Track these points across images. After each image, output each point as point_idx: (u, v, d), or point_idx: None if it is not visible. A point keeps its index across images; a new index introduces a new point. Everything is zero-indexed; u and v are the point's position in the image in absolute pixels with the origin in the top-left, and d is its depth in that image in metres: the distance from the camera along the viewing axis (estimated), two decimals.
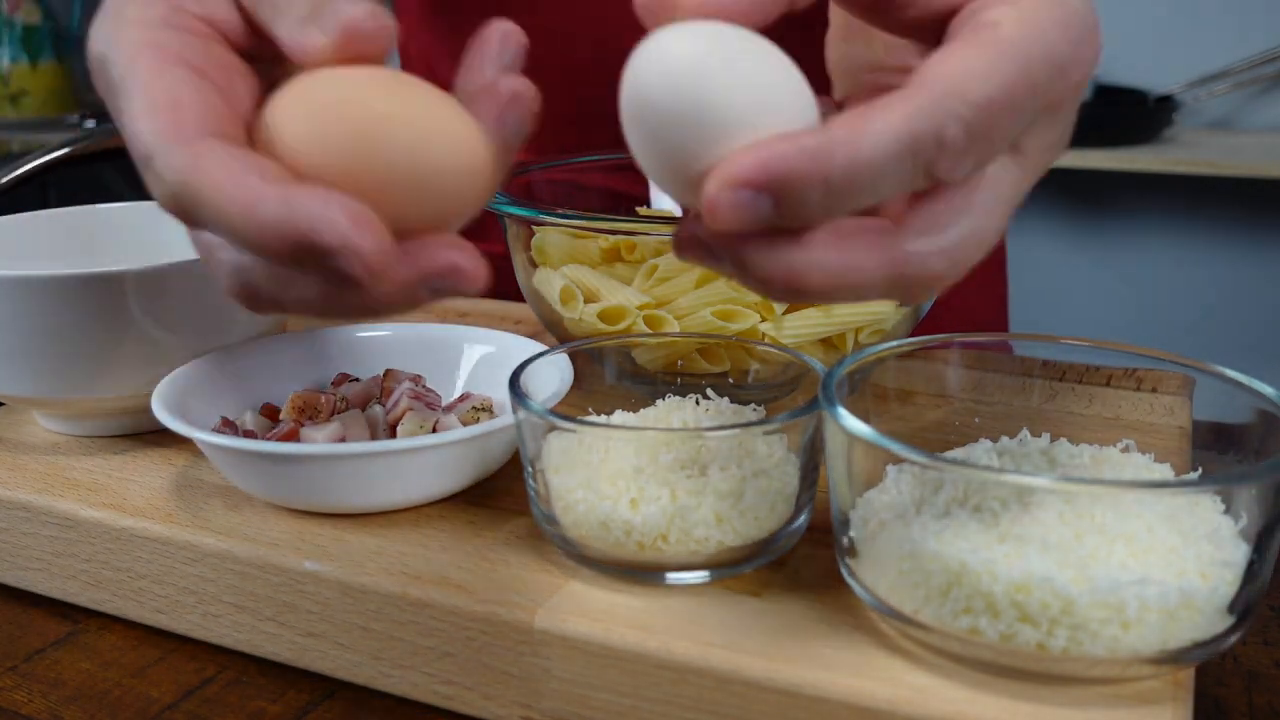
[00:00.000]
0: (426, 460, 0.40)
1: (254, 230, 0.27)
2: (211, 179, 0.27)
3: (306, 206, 0.26)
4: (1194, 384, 0.39)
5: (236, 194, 0.27)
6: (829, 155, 0.26)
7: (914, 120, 0.27)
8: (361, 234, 0.26)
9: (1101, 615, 0.30)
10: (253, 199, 0.27)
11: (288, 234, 0.26)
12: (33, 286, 0.44)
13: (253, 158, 0.28)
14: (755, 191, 0.26)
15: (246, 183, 0.27)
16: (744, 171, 0.26)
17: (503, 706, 0.37)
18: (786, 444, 0.38)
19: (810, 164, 0.26)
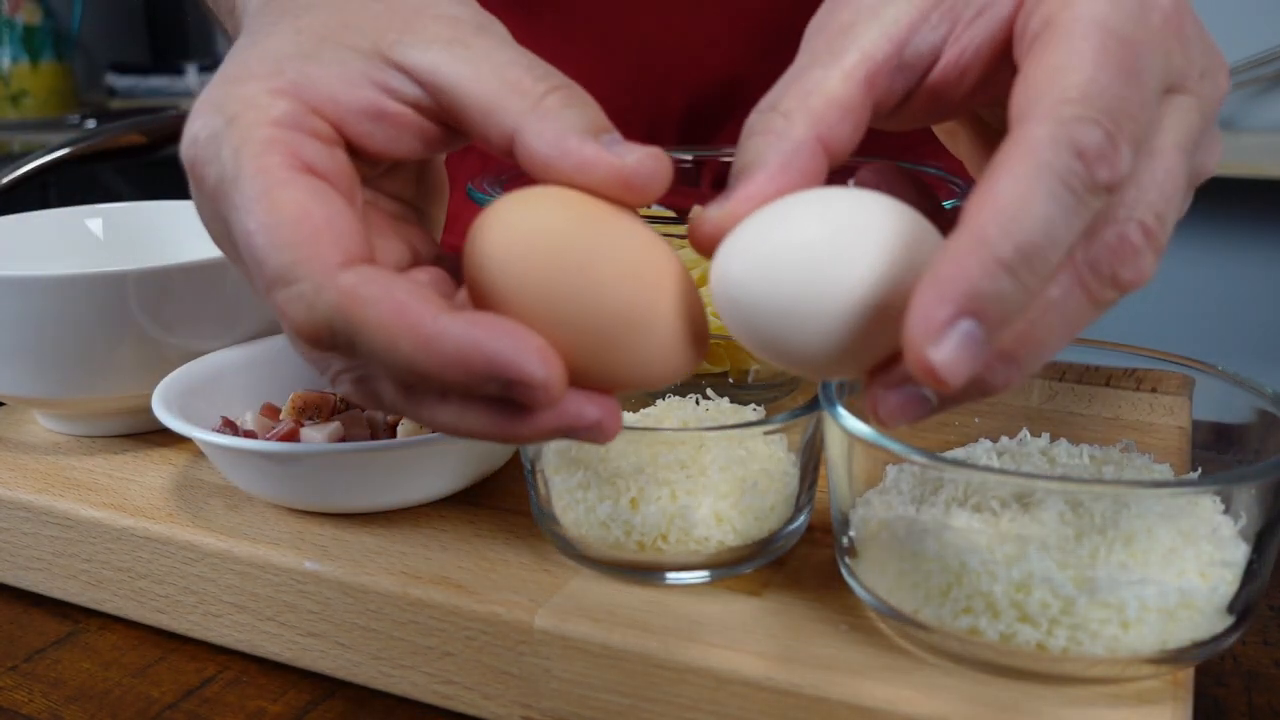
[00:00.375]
0: (426, 460, 0.40)
1: (432, 362, 0.26)
2: (377, 310, 0.26)
3: (493, 340, 0.25)
4: (1194, 384, 0.39)
5: (405, 325, 0.25)
6: (987, 242, 0.24)
7: (1039, 152, 0.24)
8: (549, 368, 0.25)
9: (1101, 615, 0.30)
10: (429, 331, 0.25)
11: (473, 365, 0.25)
12: (33, 286, 0.44)
13: (416, 289, 0.26)
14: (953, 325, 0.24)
15: (418, 313, 0.26)
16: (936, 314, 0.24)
17: (503, 706, 0.37)
18: (786, 444, 0.38)
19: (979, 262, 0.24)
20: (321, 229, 0.26)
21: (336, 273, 0.26)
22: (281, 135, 0.28)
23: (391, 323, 0.25)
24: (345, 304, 0.26)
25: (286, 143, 0.28)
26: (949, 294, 0.24)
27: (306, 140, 0.28)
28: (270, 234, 0.27)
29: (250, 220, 0.27)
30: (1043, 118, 0.25)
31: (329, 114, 0.29)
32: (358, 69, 0.29)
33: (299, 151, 0.28)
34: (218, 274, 0.47)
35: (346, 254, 0.26)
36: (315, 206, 0.27)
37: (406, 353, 0.26)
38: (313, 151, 0.28)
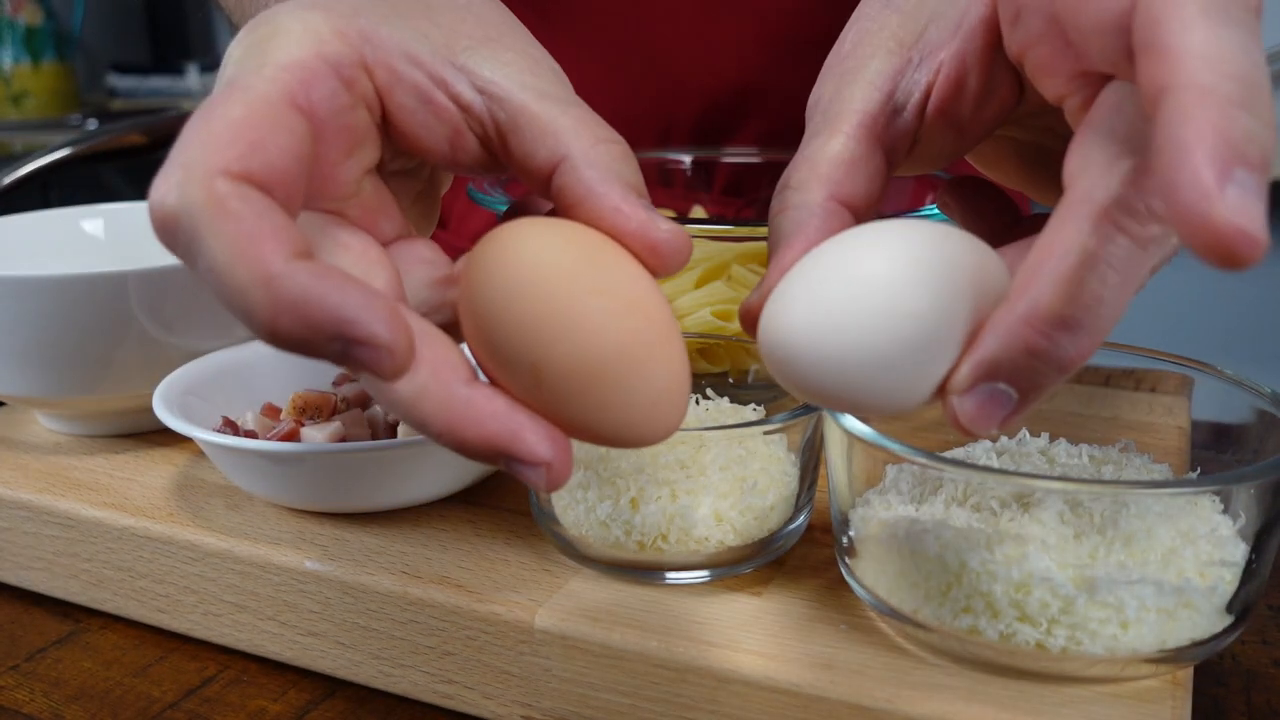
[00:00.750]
0: (426, 460, 0.40)
1: (265, 301, 0.23)
2: (225, 227, 0.24)
3: (342, 294, 0.23)
4: (1193, 384, 0.39)
5: (252, 254, 0.24)
6: (1032, 312, 0.24)
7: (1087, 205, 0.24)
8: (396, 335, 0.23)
9: (1100, 615, 0.30)
10: (273, 270, 0.23)
11: (310, 317, 0.23)
12: (33, 287, 0.44)
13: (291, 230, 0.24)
14: (986, 385, 0.25)
15: (268, 250, 0.24)
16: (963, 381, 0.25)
17: (503, 706, 0.37)
18: (786, 444, 0.38)
19: (1020, 331, 0.24)
20: (237, 138, 0.25)
21: (217, 176, 0.24)
22: (311, 66, 0.27)
23: (238, 246, 0.23)
24: (205, 205, 0.24)
25: (308, 75, 0.27)
26: (987, 357, 0.25)
27: (329, 83, 0.28)
28: (199, 115, 0.26)
29: (205, 102, 0.26)
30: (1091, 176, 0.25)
31: (380, 75, 0.29)
32: (425, 52, 0.29)
33: (310, 89, 0.27)
34: None
35: (245, 171, 0.24)
36: (260, 126, 0.25)
37: (240, 282, 0.23)
38: (325, 94, 0.27)
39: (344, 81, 0.28)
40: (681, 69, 0.70)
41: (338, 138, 0.28)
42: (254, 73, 0.27)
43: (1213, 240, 0.21)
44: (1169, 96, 0.22)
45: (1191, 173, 0.20)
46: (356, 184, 0.30)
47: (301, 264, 0.24)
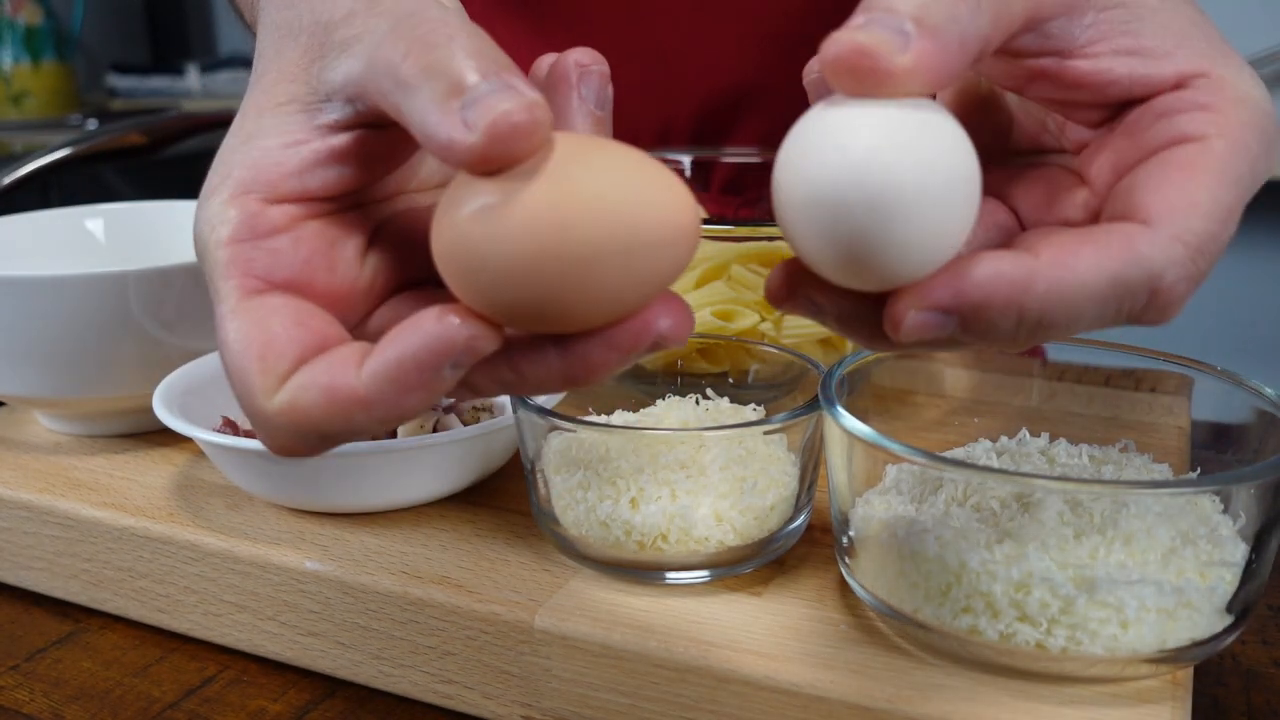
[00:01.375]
0: (426, 460, 0.40)
1: (381, 408, 0.25)
2: (312, 408, 0.26)
3: (402, 343, 0.25)
4: (1193, 384, 0.39)
5: (342, 397, 0.25)
6: (1028, 288, 0.25)
7: (1131, 266, 0.25)
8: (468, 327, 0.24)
9: (1100, 615, 0.30)
10: (359, 389, 0.25)
11: (410, 381, 0.25)
12: (33, 286, 0.44)
13: (337, 355, 0.26)
14: (944, 314, 0.25)
15: (344, 379, 0.25)
16: (938, 299, 0.25)
17: (503, 706, 0.37)
18: (786, 444, 0.38)
19: (1008, 294, 0.25)
20: (257, 363, 0.27)
21: (269, 401, 0.26)
22: (235, 254, 0.28)
23: (329, 410, 0.26)
24: (288, 423, 0.26)
25: (241, 262, 0.28)
26: (963, 296, 0.25)
27: (260, 248, 0.28)
28: (226, 366, 0.28)
29: (222, 345, 0.28)
30: (1165, 240, 0.25)
31: (286, 189, 0.29)
32: (297, 123, 0.29)
33: (252, 267, 0.28)
34: None
35: (280, 376, 0.27)
36: (256, 337, 0.27)
37: (362, 419, 0.26)
38: (267, 259, 0.28)
39: (264, 234, 0.28)
40: (681, 68, 0.70)
41: (310, 267, 0.29)
42: (219, 300, 0.29)
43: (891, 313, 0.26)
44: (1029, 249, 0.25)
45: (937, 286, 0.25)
46: (363, 271, 0.30)
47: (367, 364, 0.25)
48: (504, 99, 0.24)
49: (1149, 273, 0.25)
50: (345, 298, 0.30)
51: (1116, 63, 0.28)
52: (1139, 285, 0.25)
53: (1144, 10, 0.28)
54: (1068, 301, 0.25)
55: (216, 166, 0.30)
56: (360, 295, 0.30)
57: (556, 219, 0.24)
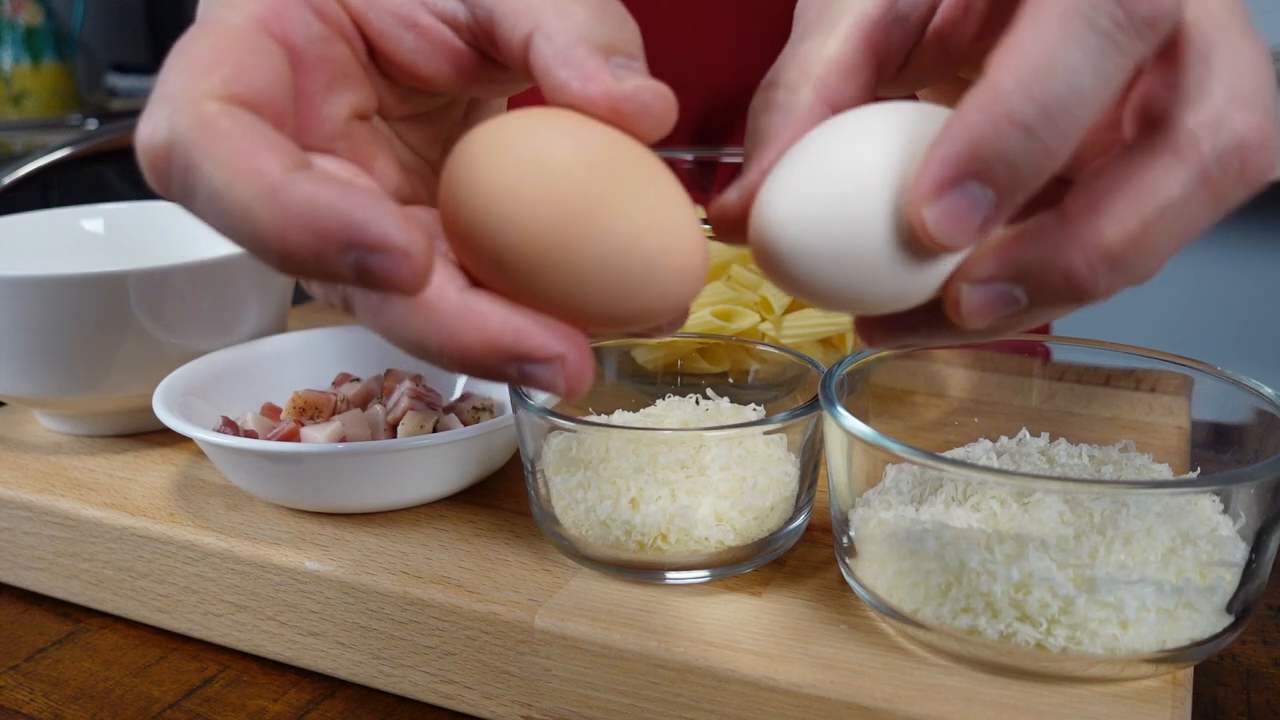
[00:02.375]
0: (427, 460, 0.40)
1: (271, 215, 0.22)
2: (220, 146, 0.22)
3: (347, 198, 0.22)
4: (1193, 384, 0.39)
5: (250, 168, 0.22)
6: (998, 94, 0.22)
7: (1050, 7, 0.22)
8: (411, 235, 0.22)
9: (1100, 615, 0.30)
10: (274, 179, 0.22)
11: (320, 224, 0.22)
12: (33, 286, 0.44)
13: (288, 145, 0.23)
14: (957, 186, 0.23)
15: (266, 161, 0.22)
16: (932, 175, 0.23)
17: (503, 706, 0.37)
18: (786, 444, 0.38)
19: (984, 116, 0.22)
20: (219, 63, 0.24)
21: (204, 100, 0.23)
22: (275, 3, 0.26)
23: (233, 162, 0.22)
24: (196, 129, 0.23)
25: (273, 5, 0.26)
26: (951, 152, 0.22)
27: (300, 12, 0.27)
28: (175, 55, 0.25)
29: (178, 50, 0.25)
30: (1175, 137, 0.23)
31: (356, 7, 0.28)
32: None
33: (282, 18, 0.26)
34: (218, 274, 0.47)
35: (231, 93, 0.23)
36: (241, 51, 0.25)
37: (244, 200, 0.22)
38: (299, 23, 0.27)
39: (315, 11, 0.27)
40: (682, 68, 0.70)
41: (316, 69, 0.27)
42: (224, 7, 0.26)
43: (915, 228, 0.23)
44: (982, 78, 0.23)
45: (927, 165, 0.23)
46: (344, 124, 0.28)
47: (303, 173, 0.22)
48: (654, 81, 0.25)
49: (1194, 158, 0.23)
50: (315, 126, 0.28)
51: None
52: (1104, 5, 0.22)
53: None
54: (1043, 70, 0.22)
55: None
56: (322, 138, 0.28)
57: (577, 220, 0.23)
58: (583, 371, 0.24)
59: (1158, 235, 0.23)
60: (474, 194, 0.24)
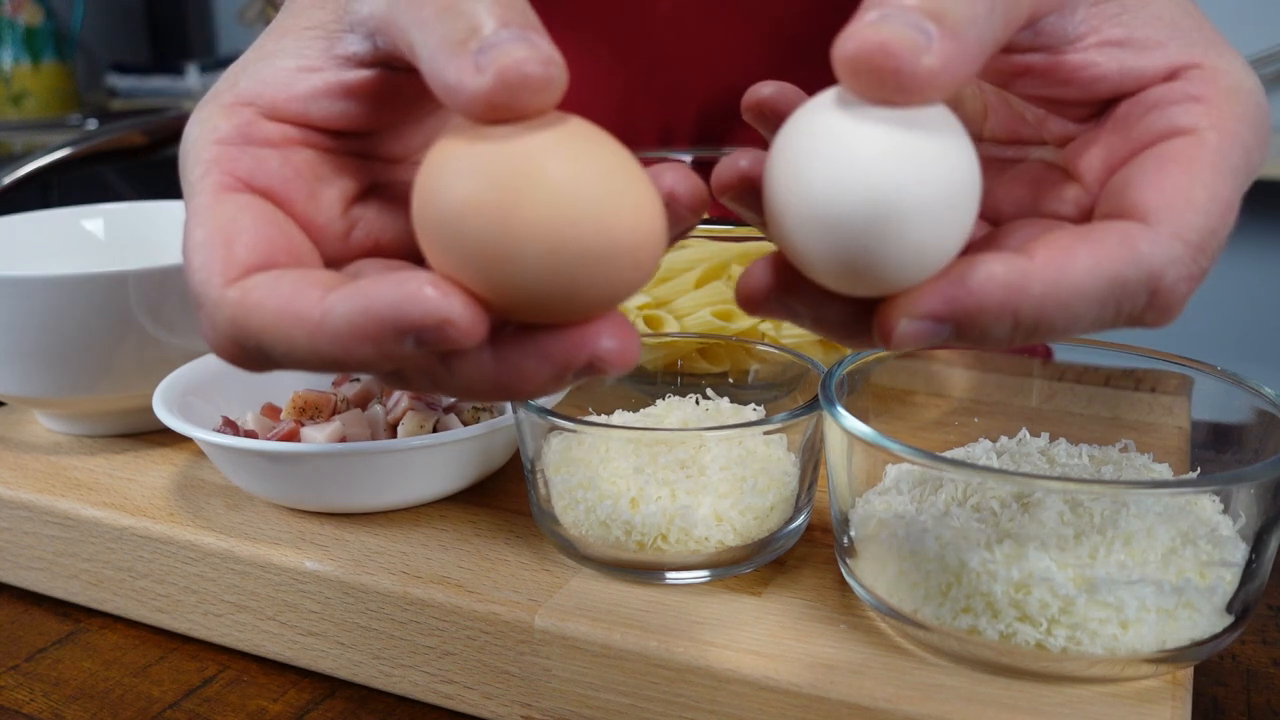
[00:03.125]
0: (427, 460, 0.40)
1: (330, 345, 0.24)
2: (264, 309, 0.24)
3: (381, 292, 0.23)
4: (1193, 384, 0.39)
5: (296, 317, 0.24)
6: (1023, 290, 0.24)
7: (1131, 266, 0.24)
8: (448, 301, 0.23)
9: (1100, 615, 0.30)
10: (318, 313, 0.24)
11: (369, 330, 0.23)
12: (33, 286, 0.44)
13: (311, 275, 0.25)
14: (937, 322, 0.24)
15: (306, 299, 0.24)
16: (931, 307, 0.24)
17: (503, 706, 0.37)
18: (786, 444, 0.38)
19: (1001, 297, 0.24)
20: (224, 249, 0.26)
21: (225, 289, 0.25)
22: (222, 154, 0.27)
23: (279, 320, 0.24)
24: (237, 315, 0.25)
25: (225, 161, 0.27)
26: (956, 303, 0.24)
27: (247, 153, 0.28)
28: (189, 259, 0.26)
29: (187, 239, 0.27)
30: (1164, 237, 0.24)
31: (288, 110, 0.28)
32: (317, 50, 0.28)
33: (235, 168, 0.27)
34: None
35: (244, 267, 0.26)
36: (228, 226, 0.26)
37: (304, 346, 0.24)
38: (251, 164, 0.28)
39: (256, 145, 0.28)
40: (682, 71, 0.70)
41: (292, 190, 0.28)
42: (191, 197, 0.27)
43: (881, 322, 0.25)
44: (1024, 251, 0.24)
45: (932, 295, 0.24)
46: (345, 217, 0.29)
47: (335, 296, 0.24)
48: (520, 48, 0.23)
49: (1149, 272, 0.24)
50: (319, 235, 0.28)
51: (1105, 56, 0.27)
52: (1138, 286, 0.24)
53: (1134, 2, 0.27)
54: (1064, 304, 0.24)
55: (225, 76, 0.29)
56: (334, 240, 0.29)
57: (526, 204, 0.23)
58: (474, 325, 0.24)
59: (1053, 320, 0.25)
60: (429, 200, 0.24)
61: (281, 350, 0.25)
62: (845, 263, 0.25)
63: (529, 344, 0.24)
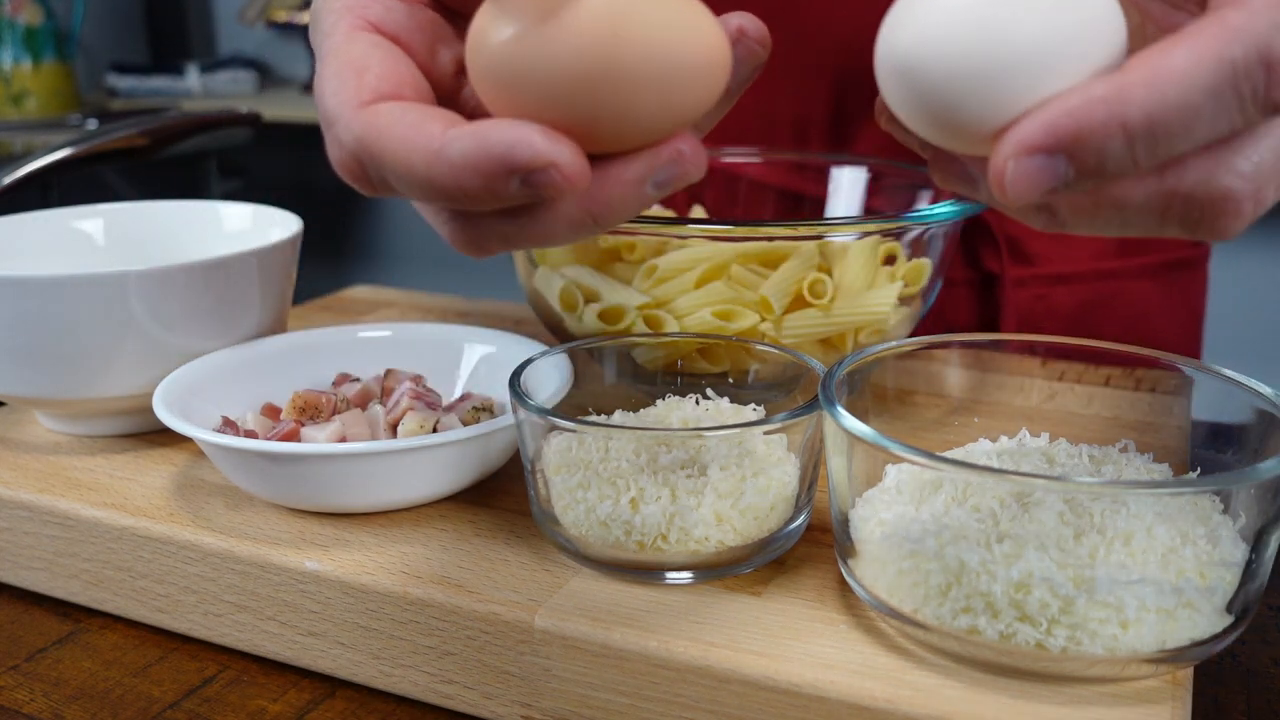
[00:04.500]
0: (427, 460, 0.40)
1: (445, 173, 0.26)
2: (391, 133, 0.27)
3: (498, 133, 0.26)
4: (1193, 384, 0.39)
5: (418, 142, 0.27)
6: (1124, 98, 0.23)
7: (1232, 43, 0.23)
8: (556, 147, 0.26)
9: (1100, 615, 0.30)
10: (437, 144, 0.27)
11: (482, 165, 0.26)
12: (33, 286, 0.44)
13: (434, 110, 0.28)
14: (1048, 155, 0.24)
15: (428, 130, 0.27)
16: (1031, 137, 0.24)
17: (503, 706, 0.37)
18: (786, 444, 0.38)
19: (1104, 114, 0.24)
20: (368, 75, 0.29)
21: (360, 110, 0.28)
22: (355, 2, 0.31)
23: (403, 143, 0.27)
24: (365, 133, 0.28)
25: (357, 9, 0.31)
26: (1057, 127, 0.24)
27: (379, 2, 0.31)
28: (322, 86, 0.30)
29: (319, 76, 0.30)
30: (1248, 11, 0.24)
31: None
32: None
33: (366, 14, 0.31)
34: (218, 274, 0.47)
35: (376, 93, 0.29)
36: (373, 59, 0.29)
37: (421, 170, 0.27)
38: (381, 11, 0.31)
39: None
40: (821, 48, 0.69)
41: (416, 42, 0.31)
42: (325, 36, 0.31)
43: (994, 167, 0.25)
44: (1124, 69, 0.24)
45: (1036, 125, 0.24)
46: (454, 78, 0.33)
47: (457, 129, 0.27)
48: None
49: (1255, 45, 0.23)
50: (435, 86, 0.31)
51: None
52: (1249, 61, 0.23)
53: None
54: (1174, 100, 0.23)
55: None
56: (446, 95, 0.32)
57: (603, 33, 0.26)
58: (579, 170, 0.26)
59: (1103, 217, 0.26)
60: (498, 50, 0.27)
61: (399, 172, 0.27)
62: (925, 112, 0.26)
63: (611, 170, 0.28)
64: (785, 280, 0.49)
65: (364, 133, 0.28)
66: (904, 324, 0.52)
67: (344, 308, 0.71)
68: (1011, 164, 0.25)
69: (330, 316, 0.69)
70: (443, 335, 0.52)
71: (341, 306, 0.72)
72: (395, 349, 0.52)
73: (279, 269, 0.51)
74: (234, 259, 0.48)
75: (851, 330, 0.50)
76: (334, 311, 0.70)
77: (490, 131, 0.26)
